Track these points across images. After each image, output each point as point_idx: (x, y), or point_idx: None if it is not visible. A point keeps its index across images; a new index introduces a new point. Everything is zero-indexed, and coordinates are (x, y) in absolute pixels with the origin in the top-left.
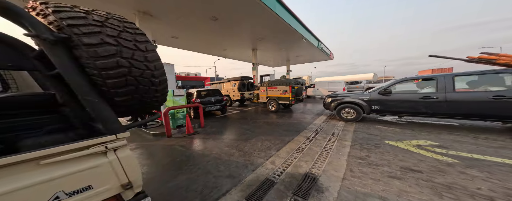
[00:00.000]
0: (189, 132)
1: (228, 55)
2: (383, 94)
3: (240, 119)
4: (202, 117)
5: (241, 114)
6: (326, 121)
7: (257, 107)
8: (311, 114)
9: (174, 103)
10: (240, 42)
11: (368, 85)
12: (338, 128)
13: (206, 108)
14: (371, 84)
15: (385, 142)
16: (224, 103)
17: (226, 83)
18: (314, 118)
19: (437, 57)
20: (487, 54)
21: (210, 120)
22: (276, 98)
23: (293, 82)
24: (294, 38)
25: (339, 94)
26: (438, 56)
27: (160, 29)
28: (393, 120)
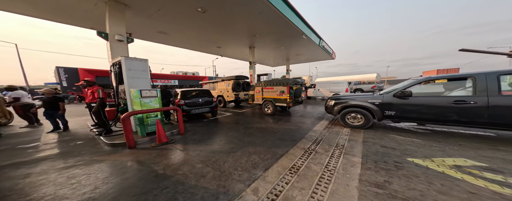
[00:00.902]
0: (160, 141)
1: (224, 54)
2: (399, 97)
3: (230, 123)
4: (182, 122)
5: (234, 116)
6: (328, 127)
7: (254, 109)
8: (311, 117)
9: (142, 105)
10: (235, 39)
11: (355, 87)
12: (343, 136)
13: (191, 110)
14: (363, 86)
15: (408, 159)
16: (214, 104)
17: (219, 83)
18: (314, 123)
19: (469, 52)
20: None
21: (196, 124)
22: (273, 100)
23: (291, 82)
24: (293, 34)
25: (344, 96)
26: (471, 51)
27: (141, 22)
28: (409, 127)
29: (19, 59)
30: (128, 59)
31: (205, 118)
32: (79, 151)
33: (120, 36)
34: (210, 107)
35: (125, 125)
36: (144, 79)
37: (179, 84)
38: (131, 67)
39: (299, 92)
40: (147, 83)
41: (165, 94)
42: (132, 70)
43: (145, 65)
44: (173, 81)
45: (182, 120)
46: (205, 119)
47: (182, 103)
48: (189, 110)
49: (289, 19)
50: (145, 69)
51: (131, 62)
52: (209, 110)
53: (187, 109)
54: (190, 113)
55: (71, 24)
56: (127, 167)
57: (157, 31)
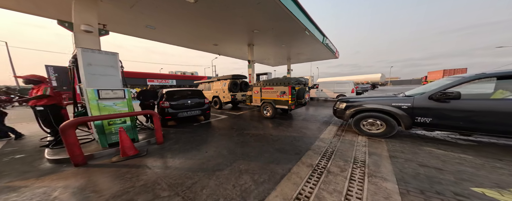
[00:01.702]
0: (125, 155)
1: (222, 52)
2: (439, 100)
3: (224, 128)
4: (159, 129)
5: (229, 120)
6: (338, 134)
7: (252, 110)
8: (315, 122)
9: (102, 109)
10: (232, 36)
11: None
12: (360, 148)
13: (178, 113)
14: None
15: (473, 189)
16: (207, 107)
17: (215, 83)
18: (320, 128)
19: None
20: None
21: (183, 129)
22: (272, 101)
23: (294, 82)
24: (295, 30)
25: (357, 98)
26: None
27: (122, 14)
28: (444, 137)
29: (9, 57)
30: (87, 51)
31: (197, 122)
32: (8, 169)
33: (87, 26)
34: (202, 109)
35: (66, 137)
36: (111, 77)
37: (177, 85)
38: (91, 61)
39: (302, 93)
40: (116, 82)
41: (151, 95)
42: (93, 65)
43: (114, 60)
44: (170, 81)
45: (159, 126)
46: (196, 122)
47: (167, 105)
48: (176, 113)
49: (290, 12)
50: (114, 64)
51: (91, 56)
52: (200, 113)
53: (173, 111)
54: (176, 116)
55: (37, 15)
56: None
57: (143, 25)
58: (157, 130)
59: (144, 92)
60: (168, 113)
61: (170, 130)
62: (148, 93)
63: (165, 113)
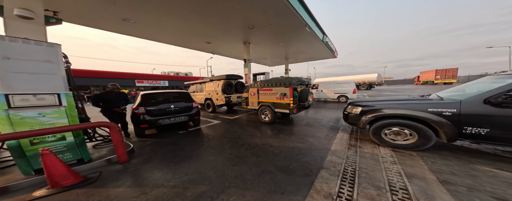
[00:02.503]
0: (57, 186)
1: (216, 51)
2: (502, 106)
3: (214, 137)
4: (121, 145)
5: (222, 126)
6: (352, 144)
7: (249, 114)
8: (320, 127)
9: (16, 123)
10: (227, 32)
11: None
12: (389, 165)
13: (158, 121)
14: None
15: None
16: (195, 111)
17: (208, 84)
18: (328, 136)
19: None
20: None
21: (164, 139)
22: (271, 104)
23: (296, 82)
24: (295, 26)
25: (376, 102)
26: None
27: (94, 4)
28: (495, 151)
29: None
30: (3, 40)
31: (183, 129)
32: None
33: (25, 11)
34: (189, 114)
35: None
36: (46, 77)
37: (170, 85)
38: (10, 54)
39: (305, 95)
40: (54, 83)
41: (118, 99)
42: (14, 59)
43: (53, 54)
44: (162, 82)
45: (120, 141)
46: (183, 129)
47: (142, 111)
48: (154, 120)
49: (292, 6)
50: (53, 59)
51: (9, 47)
52: (187, 119)
53: (151, 119)
54: (155, 124)
55: None
56: None
57: (120, 18)
58: (117, 146)
59: (104, 96)
60: (144, 121)
61: (147, 141)
62: (111, 97)
63: (139, 120)
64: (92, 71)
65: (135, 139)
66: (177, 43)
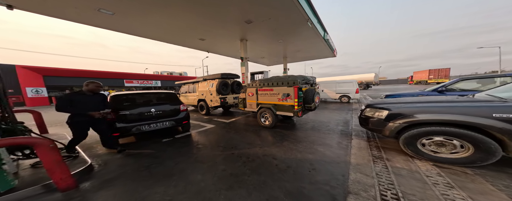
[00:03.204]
0: None
1: (211, 49)
2: None
3: (205, 145)
4: (59, 167)
5: (216, 131)
6: (377, 155)
7: (247, 116)
8: (329, 131)
9: None
10: (222, 28)
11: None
12: (445, 189)
13: (133, 128)
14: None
15: None
16: (183, 115)
17: (201, 84)
18: (342, 143)
19: None
20: None
21: (141, 150)
22: (272, 106)
23: (300, 81)
24: (296, 21)
25: (407, 103)
26: None
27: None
28: None
29: None
30: None
31: (170, 136)
32: None
33: None
34: (176, 119)
35: None
36: None
37: (163, 86)
38: None
39: (311, 95)
40: None
41: (94, 102)
42: None
43: None
44: (154, 82)
45: (57, 161)
46: (168, 136)
47: (111, 117)
48: (128, 127)
49: None
50: None
51: None
52: (173, 125)
53: (123, 126)
54: (129, 132)
55: None
56: None
57: (94, 8)
58: (51, 170)
59: (73, 96)
60: (116, 129)
61: (118, 154)
62: (84, 98)
63: (110, 128)
64: (74, 71)
65: (103, 151)
66: (167, 39)
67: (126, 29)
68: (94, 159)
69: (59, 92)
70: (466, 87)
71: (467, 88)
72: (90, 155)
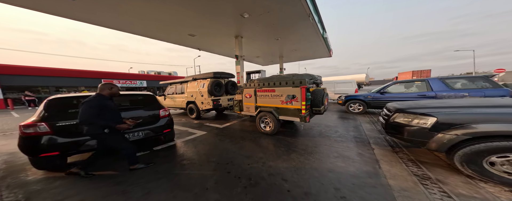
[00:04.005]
0: None
1: (202, 46)
2: None
3: (192, 162)
4: None
5: (207, 139)
6: (419, 174)
7: (244, 120)
8: (342, 139)
9: None
10: (215, 22)
11: None
12: None
13: (84, 144)
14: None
15: None
16: (165, 122)
17: (190, 84)
18: (364, 155)
19: None
20: None
21: (106, 167)
22: (274, 110)
23: (308, 80)
24: (297, 15)
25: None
26: None
27: None
28: None
29: None
30: None
31: (147, 148)
32: None
33: None
34: (153, 128)
35: None
36: None
37: (149, 86)
38: None
39: (320, 97)
40: None
41: (116, 111)
42: None
43: None
44: (138, 83)
45: None
46: (144, 150)
47: (45, 130)
48: (72, 144)
49: None
50: None
51: None
52: (150, 135)
53: (65, 142)
54: (77, 150)
55: None
56: None
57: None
58: None
59: (102, 102)
60: (49, 146)
61: (64, 178)
62: (112, 106)
63: (37, 145)
64: (38, 69)
65: (40, 175)
66: (150, 34)
67: (95, 20)
68: (12, 191)
69: (18, 93)
70: (396, 91)
71: (396, 91)
72: (14, 184)
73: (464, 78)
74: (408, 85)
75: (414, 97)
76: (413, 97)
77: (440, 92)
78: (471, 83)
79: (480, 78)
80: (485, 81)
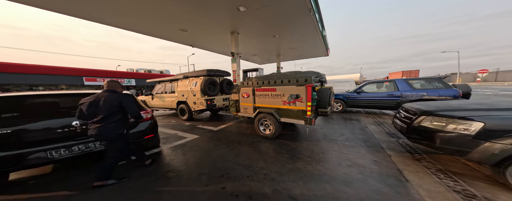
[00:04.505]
0: None
1: (195, 43)
2: None
3: (179, 175)
4: None
5: (199, 145)
6: (464, 192)
7: (241, 122)
8: (350, 143)
9: None
10: (208, 16)
11: None
12: None
13: (29, 157)
14: None
15: None
16: (146, 127)
17: (181, 82)
18: (382, 164)
19: None
20: None
21: (56, 186)
22: (275, 111)
23: (314, 77)
24: (297, 10)
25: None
26: None
27: None
28: None
29: None
30: None
31: None
32: None
33: None
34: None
35: None
36: None
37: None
38: None
39: (327, 97)
40: None
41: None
42: None
43: None
44: (126, 81)
45: None
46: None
47: None
48: (20, 156)
49: None
50: None
51: None
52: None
53: (7, 155)
54: (21, 165)
55: None
56: None
57: None
58: None
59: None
60: None
61: None
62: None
63: None
64: (6, 65)
65: None
66: (136, 28)
67: (70, 10)
68: None
69: None
70: (370, 90)
71: (370, 91)
72: None
73: (423, 79)
74: (379, 86)
75: (384, 97)
76: (383, 97)
77: (405, 92)
78: (428, 84)
79: (435, 80)
80: (439, 82)
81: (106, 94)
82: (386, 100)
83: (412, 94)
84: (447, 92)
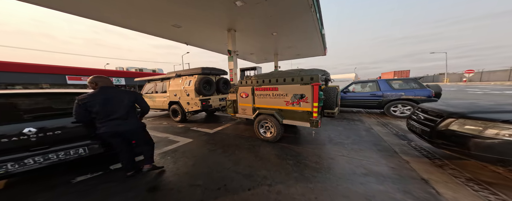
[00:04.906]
0: None
1: (190, 40)
2: None
3: (167, 188)
4: None
5: (192, 151)
6: None
7: (239, 123)
8: (359, 146)
9: None
10: (203, 11)
11: None
12: None
13: None
14: None
15: None
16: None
17: (173, 81)
18: (403, 171)
19: None
20: None
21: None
22: (277, 112)
23: (321, 76)
24: (298, 6)
25: None
26: None
27: None
28: None
29: None
30: None
31: (102, 166)
32: None
33: None
34: None
35: None
36: None
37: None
38: None
39: (334, 97)
40: None
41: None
42: None
43: None
44: (115, 80)
45: None
46: (96, 171)
47: None
48: None
49: None
50: None
51: None
52: (99, 150)
53: None
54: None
55: None
56: None
57: None
58: None
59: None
60: None
61: None
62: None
63: None
64: None
65: None
66: (122, 22)
67: (62, 6)
68: None
69: None
70: (355, 90)
71: (356, 91)
72: None
73: (401, 80)
74: (363, 86)
75: (368, 96)
76: (367, 96)
77: (386, 92)
78: (406, 84)
79: (411, 80)
80: (414, 83)
81: (116, 91)
82: (370, 100)
83: (392, 94)
84: (422, 92)
